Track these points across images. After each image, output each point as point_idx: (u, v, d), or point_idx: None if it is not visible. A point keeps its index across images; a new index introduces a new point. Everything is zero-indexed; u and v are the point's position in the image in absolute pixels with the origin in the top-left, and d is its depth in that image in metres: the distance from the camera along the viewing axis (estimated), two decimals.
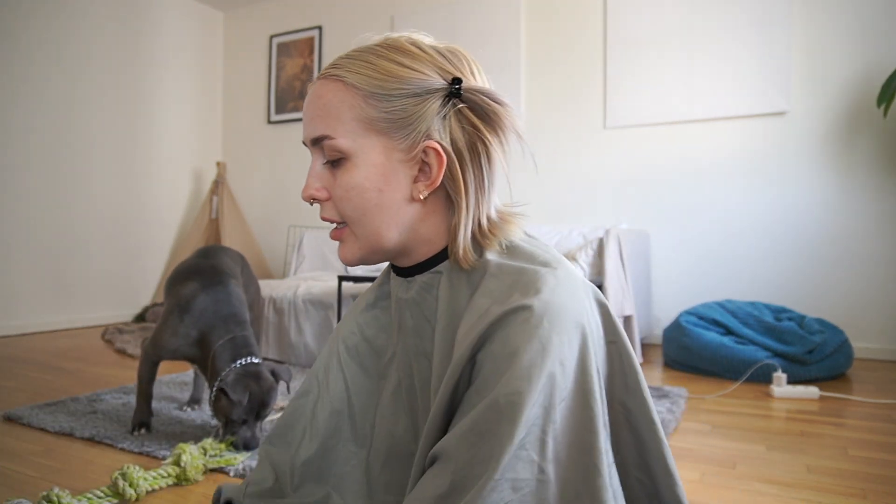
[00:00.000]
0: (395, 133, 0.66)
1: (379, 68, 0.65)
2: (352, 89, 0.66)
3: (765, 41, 2.87)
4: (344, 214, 0.69)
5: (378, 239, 0.68)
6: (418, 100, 0.65)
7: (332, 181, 0.68)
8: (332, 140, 0.66)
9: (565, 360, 0.57)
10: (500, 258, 0.67)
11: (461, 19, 3.64)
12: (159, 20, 4.14)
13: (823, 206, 2.79)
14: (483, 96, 0.66)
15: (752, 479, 1.31)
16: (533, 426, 0.55)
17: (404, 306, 0.75)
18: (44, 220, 3.46)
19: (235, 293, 1.66)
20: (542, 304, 0.58)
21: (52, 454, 1.43)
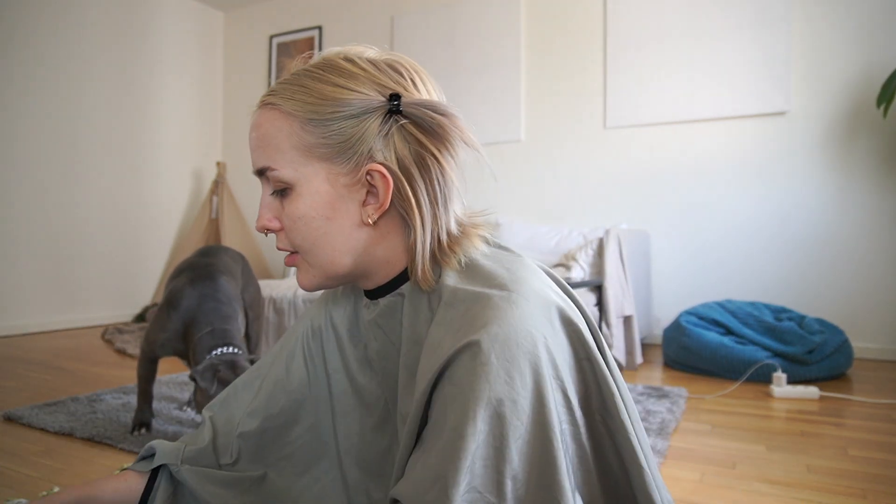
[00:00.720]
0: (337, 158, 0.63)
1: (313, 92, 0.63)
2: (288, 117, 0.64)
3: (765, 41, 2.88)
4: (295, 244, 0.67)
5: (332, 266, 0.67)
6: (356, 121, 0.62)
7: (281, 211, 0.67)
8: (274, 171, 0.64)
9: (517, 397, 0.54)
10: (458, 280, 0.64)
11: (461, 19, 3.64)
12: (159, 20, 4.14)
13: (823, 206, 2.79)
14: (425, 109, 0.62)
15: (752, 479, 1.31)
16: (484, 468, 0.53)
17: (370, 328, 0.74)
18: (44, 220, 3.46)
19: (223, 288, 1.64)
20: (491, 339, 0.55)
21: (52, 454, 1.43)
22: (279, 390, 0.81)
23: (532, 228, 3.17)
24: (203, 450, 0.81)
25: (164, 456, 0.79)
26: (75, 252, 3.62)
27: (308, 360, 0.82)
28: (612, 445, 0.62)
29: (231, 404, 0.84)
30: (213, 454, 0.81)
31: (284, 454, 0.81)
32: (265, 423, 0.81)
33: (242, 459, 0.81)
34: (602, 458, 0.62)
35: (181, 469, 0.78)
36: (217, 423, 0.83)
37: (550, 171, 3.39)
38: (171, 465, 0.78)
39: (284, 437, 0.81)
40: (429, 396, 0.58)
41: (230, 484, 0.79)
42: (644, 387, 2.12)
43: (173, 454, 0.79)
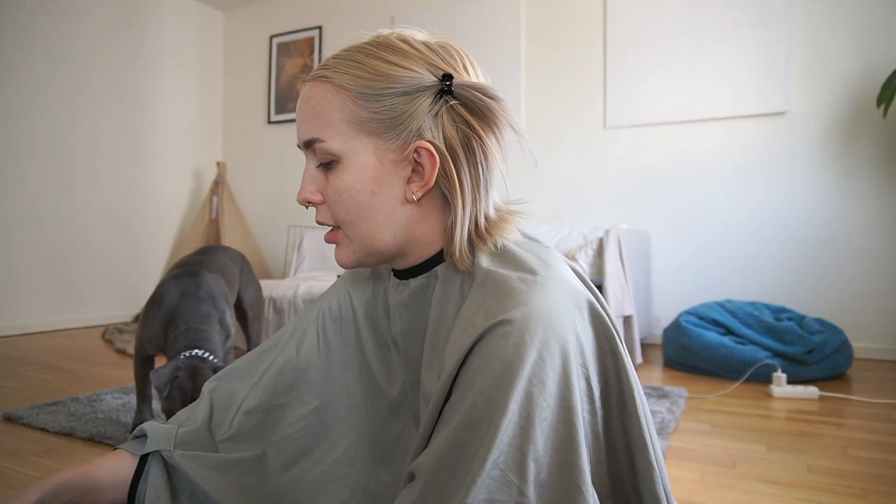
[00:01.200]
0: (386, 133, 0.64)
1: (367, 67, 0.64)
2: (341, 90, 0.64)
3: (765, 41, 2.88)
4: (337, 218, 0.67)
5: (372, 242, 0.67)
6: (408, 98, 0.63)
7: (325, 184, 0.67)
8: (323, 143, 0.65)
9: (545, 377, 0.55)
10: (491, 263, 0.65)
11: (461, 19, 3.64)
12: (159, 20, 4.14)
13: (823, 206, 2.79)
14: (476, 92, 0.63)
15: (752, 479, 1.31)
16: (509, 446, 0.53)
17: (396, 309, 0.74)
18: (44, 219, 3.46)
19: (206, 285, 1.61)
20: (524, 318, 0.56)
21: (52, 454, 1.43)
22: (288, 369, 0.81)
23: (532, 228, 3.17)
24: (197, 430, 0.80)
25: (155, 442, 0.78)
26: (75, 252, 3.62)
27: (322, 342, 0.82)
28: (624, 441, 0.62)
29: (235, 379, 0.84)
30: (209, 433, 0.80)
31: (286, 434, 0.80)
32: (271, 401, 0.80)
33: (242, 436, 0.80)
34: (613, 451, 0.62)
35: (174, 454, 0.77)
36: (217, 397, 0.82)
37: (550, 171, 3.39)
38: (163, 450, 0.78)
39: (288, 416, 0.80)
40: (457, 372, 0.58)
41: (225, 467, 0.78)
42: (644, 387, 2.12)
43: (165, 438, 0.78)
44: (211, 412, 0.81)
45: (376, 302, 0.81)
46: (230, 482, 0.77)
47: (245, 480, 0.78)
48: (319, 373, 0.81)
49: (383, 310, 0.80)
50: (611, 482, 0.62)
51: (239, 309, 1.99)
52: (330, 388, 0.81)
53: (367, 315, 0.82)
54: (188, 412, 0.83)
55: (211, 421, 0.81)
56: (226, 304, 1.66)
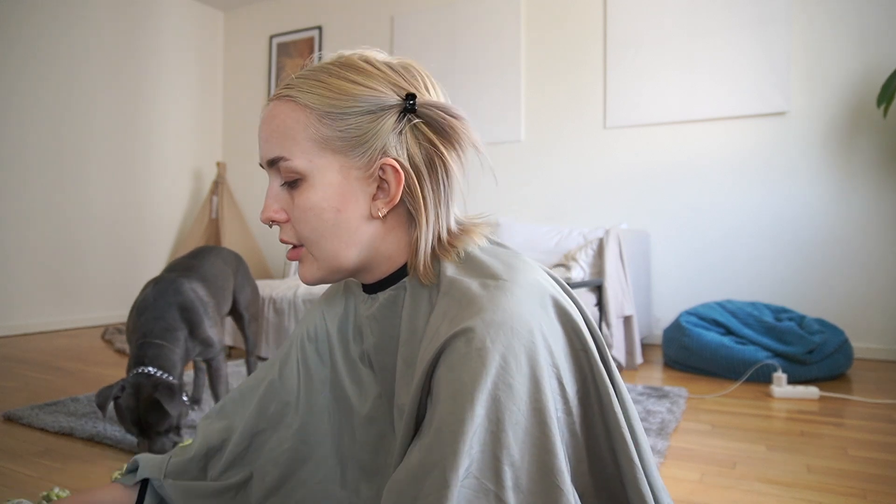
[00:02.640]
0: (351, 151, 0.65)
1: (332, 87, 0.65)
2: (305, 109, 0.65)
3: (764, 41, 2.88)
4: (302, 236, 0.68)
5: (337, 259, 0.68)
6: (373, 117, 0.65)
7: (290, 202, 0.67)
8: (287, 161, 0.65)
9: (512, 381, 0.54)
10: (456, 272, 0.65)
11: (461, 20, 3.64)
12: (159, 20, 4.14)
13: (823, 206, 2.79)
14: (438, 111, 0.65)
15: (752, 479, 1.31)
16: (481, 453, 0.53)
17: (367, 323, 0.75)
18: (44, 220, 3.46)
19: (183, 295, 1.56)
20: (485, 324, 0.56)
21: (51, 454, 1.43)
22: (271, 394, 0.82)
23: (532, 228, 3.17)
24: (188, 461, 0.81)
25: (146, 470, 0.80)
26: (75, 252, 3.62)
27: (301, 365, 0.83)
28: (606, 439, 0.62)
29: (229, 413, 0.85)
30: (200, 464, 0.82)
31: (271, 457, 0.81)
32: (256, 426, 0.82)
33: (232, 464, 0.81)
34: (596, 449, 0.62)
35: (164, 483, 0.79)
36: (211, 433, 0.83)
37: (550, 171, 3.39)
38: (153, 479, 0.80)
39: (273, 440, 0.82)
40: (425, 383, 0.58)
41: (213, 496, 0.79)
42: (644, 387, 2.12)
43: (157, 468, 0.81)
44: (206, 446, 0.83)
45: (347, 319, 0.82)
46: None
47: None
48: (301, 395, 0.82)
49: (353, 326, 0.81)
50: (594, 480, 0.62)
51: (235, 311, 1.98)
52: (311, 410, 0.82)
53: (338, 333, 0.83)
54: (182, 447, 0.85)
55: (206, 454, 0.82)
56: (204, 314, 1.60)
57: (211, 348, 1.61)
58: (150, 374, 1.40)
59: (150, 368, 1.41)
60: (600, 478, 0.62)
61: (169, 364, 1.45)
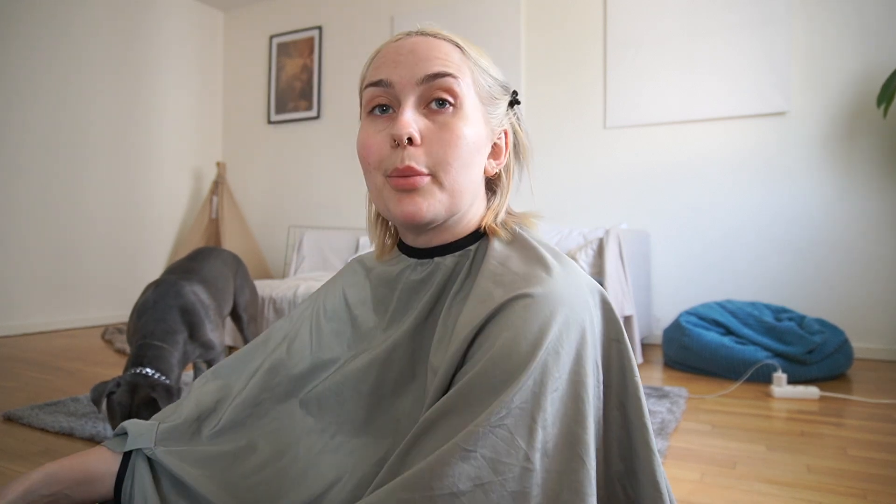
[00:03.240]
0: (490, 107, 0.71)
1: (481, 52, 0.72)
2: (465, 55, 0.69)
3: (764, 41, 2.88)
4: (438, 159, 0.65)
5: (461, 196, 0.68)
6: (502, 91, 0.73)
7: (430, 127, 0.66)
8: (457, 79, 0.66)
9: (560, 350, 0.57)
10: (508, 247, 0.69)
11: (461, 20, 3.64)
12: (159, 20, 4.14)
13: (823, 206, 2.79)
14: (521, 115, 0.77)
15: (752, 479, 1.31)
16: (520, 409, 0.54)
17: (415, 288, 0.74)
18: (44, 220, 3.46)
19: (184, 298, 1.56)
20: (544, 294, 0.59)
21: (51, 454, 1.43)
22: (279, 366, 0.81)
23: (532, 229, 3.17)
24: (178, 426, 0.79)
25: (135, 439, 0.78)
26: (75, 252, 3.62)
27: (315, 340, 0.81)
28: (621, 430, 0.64)
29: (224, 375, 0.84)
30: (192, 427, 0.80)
31: (273, 428, 0.79)
32: (260, 396, 0.80)
33: (229, 428, 0.80)
34: (607, 439, 0.64)
35: (155, 450, 0.77)
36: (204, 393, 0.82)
37: (550, 171, 3.39)
38: (144, 448, 0.77)
39: (272, 411, 0.80)
40: (471, 341, 0.60)
41: (207, 462, 0.77)
42: (644, 387, 2.12)
43: (146, 435, 0.78)
44: (198, 408, 0.81)
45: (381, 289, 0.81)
46: (212, 476, 0.76)
47: (226, 474, 0.77)
48: (308, 369, 0.80)
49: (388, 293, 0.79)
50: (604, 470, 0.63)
51: (234, 312, 1.98)
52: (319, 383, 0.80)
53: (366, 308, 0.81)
54: (172, 408, 0.83)
55: (198, 416, 0.80)
56: (205, 316, 1.60)
57: (212, 350, 1.61)
58: (147, 375, 1.40)
59: (148, 369, 1.41)
60: (608, 469, 0.64)
61: (167, 367, 1.45)
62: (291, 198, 4.31)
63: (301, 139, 4.28)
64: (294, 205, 4.29)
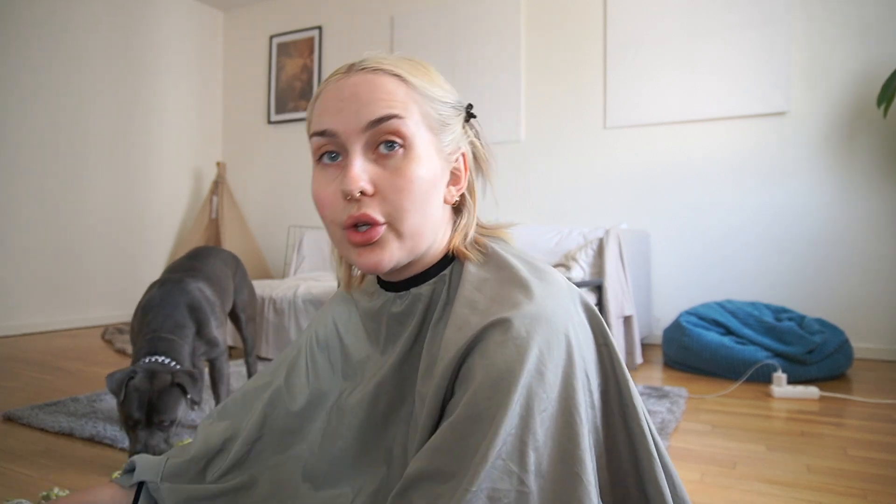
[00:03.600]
0: (442, 135, 0.68)
1: (429, 73, 0.69)
2: (411, 85, 0.66)
3: (764, 41, 2.87)
4: (394, 208, 0.63)
5: (420, 238, 0.66)
6: (454, 112, 0.70)
7: (381, 174, 0.63)
8: (402, 119, 0.63)
9: (545, 371, 0.57)
10: (482, 269, 0.67)
11: (461, 20, 3.64)
12: (159, 20, 4.14)
13: (823, 206, 2.79)
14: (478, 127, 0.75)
15: (752, 479, 1.31)
16: (510, 436, 0.54)
17: (397, 318, 0.74)
18: (44, 220, 3.46)
19: (190, 294, 1.56)
20: (521, 316, 0.58)
21: (51, 454, 1.43)
22: (276, 401, 0.82)
23: (532, 228, 3.17)
24: (185, 463, 0.81)
25: (143, 472, 0.80)
26: (75, 252, 3.62)
27: (311, 372, 0.82)
28: (625, 433, 0.64)
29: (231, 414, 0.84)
30: (199, 466, 0.81)
31: (273, 464, 0.80)
32: (260, 431, 0.81)
33: (232, 466, 0.80)
34: (613, 444, 0.64)
35: (160, 487, 0.79)
36: (211, 435, 0.83)
37: (550, 171, 3.39)
38: (149, 482, 0.79)
39: (271, 447, 0.81)
40: (453, 371, 0.60)
41: (210, 499, 0.79)
42: (644, 387, 2.12)
43: (153, 470, 0.80)
44: (206, 447, 0.82)
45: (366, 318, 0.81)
46: None
47: None
48: (307, 403, 0.81)
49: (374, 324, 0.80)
50: (610, 475, 0.63)
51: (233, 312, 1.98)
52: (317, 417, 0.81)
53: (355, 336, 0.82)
54: (180, 448, 0.84)
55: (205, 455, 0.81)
56: (211, 314, 1.60)
57: (216, 348, 1.61)
58: (164, 363, 1.40)
59: (163, 358, 1.41)
60: (616, 473, 0.64)
61: (180, 357, 1.45)
62: (291, 198, 4.31)
63: (301, 139, 4.28)
64: (294, 205, 4.29)
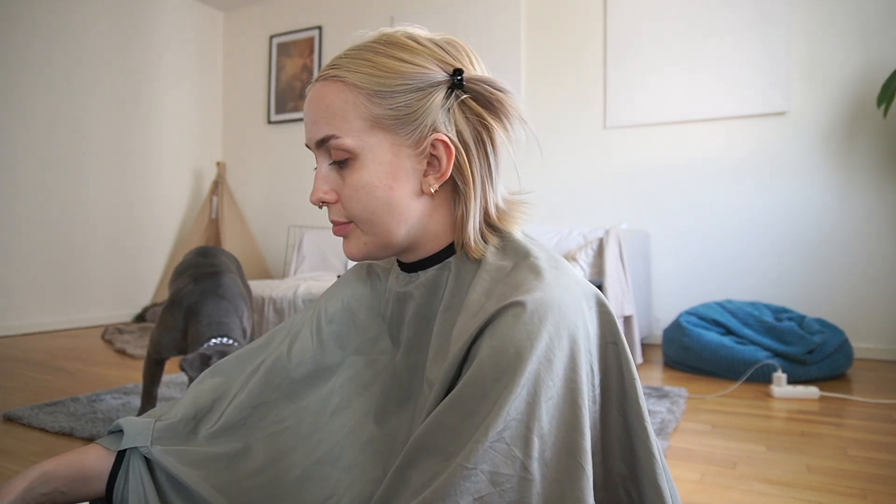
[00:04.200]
0: (402, 129, 0.65)
1: (379, 65, 0.65)
2: (354, 88, 0.65)
3: (764, 41, 2.87)
4: (353, 214, 0.67)
5: (388, 236, 0.68)
6: (422, 94, 0.65)
7: (339, 182, 0.67)
8: (339, 139, 0.65)
9: (553, 358, 0.57)
10: (497, 254, 0.67)
11: (461, 20, 3.64)
12: (159, 20, 4.14)
13: (823, 206, 2.79)
14: (485, 85, 0.66)
15: (752, 479, 1.31)
16: (514, 421, 0.54)
17: (401, 301, 0.74)
18: (44, 220, 3.46)
19: (226, 284, 1.61)
20: (535, 301, 0.58)
21: (51, 454, 1.43)
22: (279, 367, 0.81)
23: (532, 228, 3.17)
24: (175, 424, 0.79)
25: (132, 438, 0.77)
26: (75, 252, 3.62)
27: (315, 343, 0.81)
28: (623, 433, 0.64)
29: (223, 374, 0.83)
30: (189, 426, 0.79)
31: (271, 431, 0.79)
32: (259, 398, 0.80)
33: (226, 429, 0.79)
34: (609, 442, 0.64)
35: (151, 449, 0.77)
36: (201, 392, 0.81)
37: (550, 171, 3.39)
38: (140, 447, 0.77)
39: (273, 414, 0.80)
40: (465, 353, 0.59)
41: (202, 463, 0.77)
42: (644, 387, 2.12)
43: (142, 434, 0.78)
44: (195, 406, 0.80)
45: (376, 300, 0.81)
46: (207, 478, 0.76)
47: (222, 476, 0.77)
48: (309, 373, 0.80)
49: (384, 308, 0.80)
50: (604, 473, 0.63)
51: None
52: (319, 389, 0.80)
53: (367, 315, 0.81)
54: (168, 406, 0.83)
55: (195, 415, 0.80)
56: (244, 304, 1.66)
57: (246, 337, 1.64)
58: (229, 344, 1.45)
59: (225, 339, 1.45)
60: (610, 472, 0.64)
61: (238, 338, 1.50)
62: (291, 198, 4.31)
63: (301, 139, 4.28)
64: (294, 205, 4.29)
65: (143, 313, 3.89)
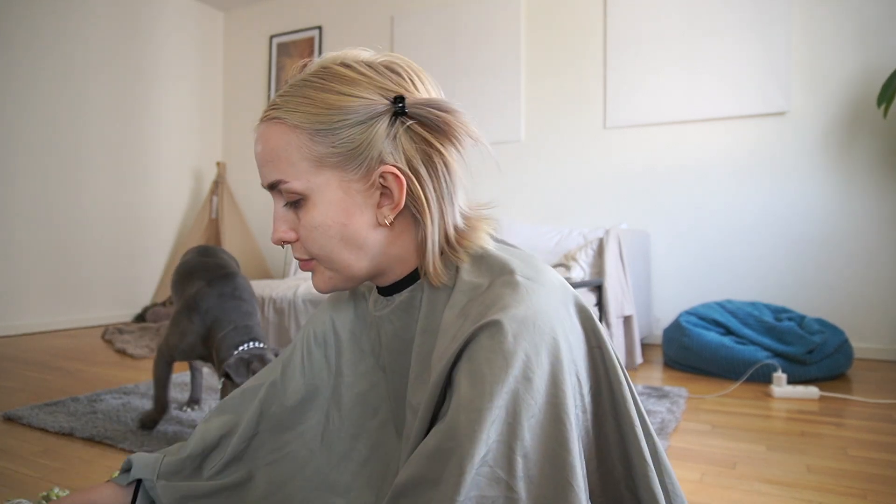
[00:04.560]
0: (348, 165, 0.64)
1: (317, 102, 0.64)
2: (295, 129, 0.64)
3: (764, 41, 2.87)
4: (312, 253, 0.68)
5: (349, 269, 0.68)
6: (363, 127, 0.63)
7: (296, 221, 0.68)
8: (287, 184, 0.65)
9: (532, 376, 0.55)
10: (472, 272, 0.65)
11: (461, 20, 3.64)
12: (159, 20, 4.14)
13: (823, 206, 2.79)
14: (429, 108, 0.63)
15: (752, 479, 1.31)
16: (497, 443, 0.54)
17: (380, 324, 0.75)
18: (44, 220, 3.46)
19: (241, 285, 1.63)
20: (510, 319, 0.56)
21: (52, 454, 1.43)
22: (272, 396, 0.82)
23: (532, 228, 3.17)
24: (182, 461, 0.81)
25: (139, 471, 0.80)
26: (75, 252, 3.62)
27: (306, 368, 0.82)
28: (617, 437, 0.63)
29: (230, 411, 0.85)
30: (195, 463, 0.81)
31: (270, 459, 0.81)
32: (256, 428, 0.81)
33: (228, 463, 0.81)
34: (605, 448, 0.63)
35: (156, 485, 0.79)
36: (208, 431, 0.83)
37: (550, 171, 3.39)
38: (145, 480, 0.80)
39: (271, 442, 0.81)
40: (447, 378, 0.59)
41: (207, 496, 0.79)
42: (644, 387, 2.12)
43: (149, 468, 0.80)
44: (202, 444, 0.82)
45: (359, 322, 0.82)
46: None
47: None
48: (302, 398, 0.82)
49: (368, 329, 0.81)
50: (601, 479, 0.63)
51: None
52: (313, 414, 0.82)
53: (352, 337, 0.82)
54: (177, 446, 0.85)
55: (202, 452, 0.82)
56: (256, 302, 1.67)
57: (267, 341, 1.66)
58: (262, 347, 1.48)
59: (257, 343, 1.48)
60: (608, 478, 0.63)
61: (264, 339, 1.53)
62: None
63: None
64: None
65: (144, 313, 3.89)
